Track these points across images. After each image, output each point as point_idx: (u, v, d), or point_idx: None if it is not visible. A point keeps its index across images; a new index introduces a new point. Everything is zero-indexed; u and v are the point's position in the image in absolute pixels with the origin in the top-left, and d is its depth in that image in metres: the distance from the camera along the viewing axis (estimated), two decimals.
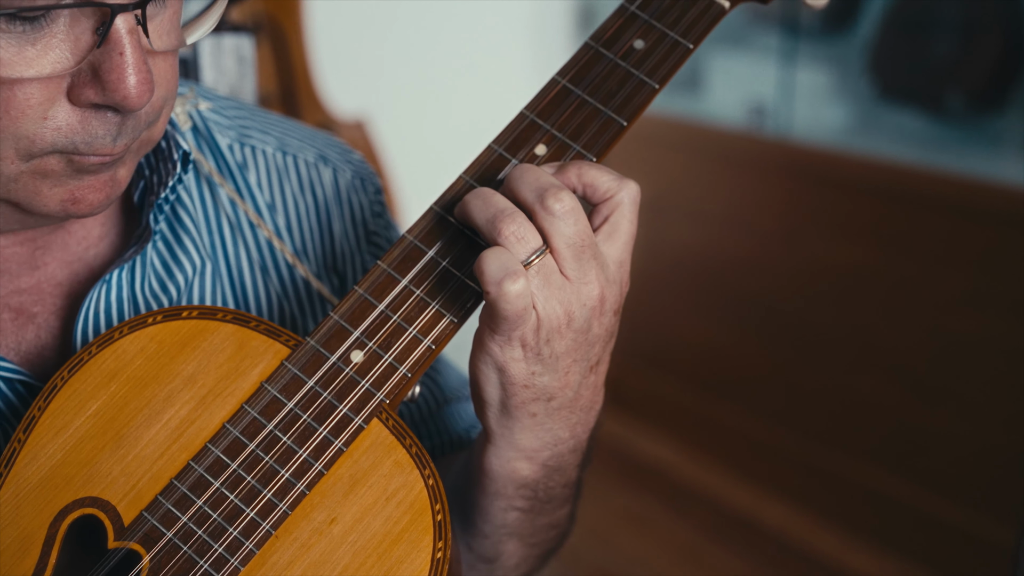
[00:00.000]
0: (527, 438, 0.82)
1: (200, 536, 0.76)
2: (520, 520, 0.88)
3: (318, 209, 0.99)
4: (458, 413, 1.03)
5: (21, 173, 0.77)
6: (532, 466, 0.84)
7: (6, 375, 0.83)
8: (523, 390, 0.79)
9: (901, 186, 2.80)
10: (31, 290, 0.87)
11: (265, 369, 0.81)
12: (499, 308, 0.76)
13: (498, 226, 0.76)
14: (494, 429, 0.82)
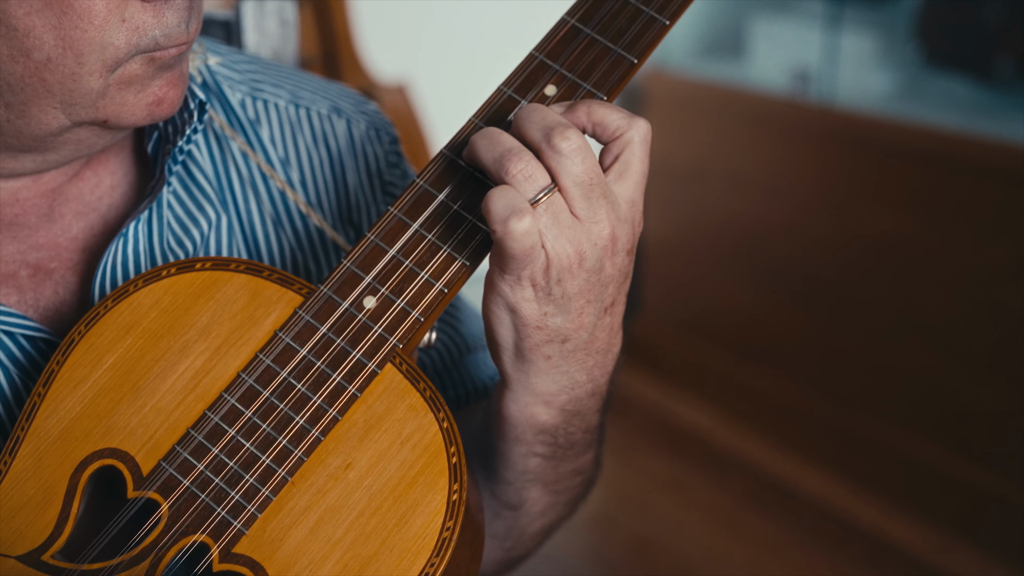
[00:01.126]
0: (543, 382, 0.82)
1: (217, 484, 0.77)
2: (542, 466, 0.88)
3: (332, 161, 0.99)
4: (482, 361, 1.03)
5: (108, 86, 0.79)
6: (550, 411, 0.84)
7: (28, 332, 0.84)
8: (536, 332, 0.79)
9: (947, 153, 2.76)
10: (48, 246, 0.88)
11: (279, 318, 0.81)
12: (506, 247, 0.75)
13: (505, 165, 0.76)
14: (510, 374, 0.82)
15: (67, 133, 0.82)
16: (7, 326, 0.83)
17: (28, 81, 0.78)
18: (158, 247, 0.88)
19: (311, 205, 0.96)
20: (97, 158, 0.90)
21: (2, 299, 0.85)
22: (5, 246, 0.86)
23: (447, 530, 0.74)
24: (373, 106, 1.04)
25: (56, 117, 0.80)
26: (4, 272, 0.86)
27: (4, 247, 0.86)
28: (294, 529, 0.75)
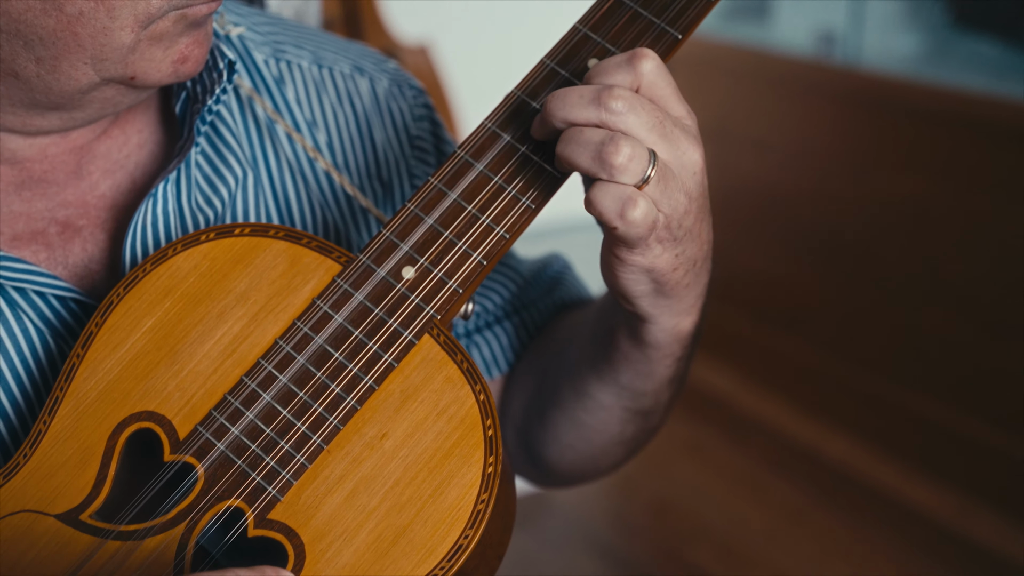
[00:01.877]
0: (684, 303, 0.84)
1: (253, 450, 0.77)
2: (679, 366, 0.91)
3: (358, 120, 0.99)
4: (546, 279, 1.06)
5: (139, 42, 0.79)
6: (692, 317, 0.86)
7: (60, 293, 0.84)
8: (673, 273, 0.80)
9: (974, 116, 2.73)
10: (76, 203, 0.88)
11: (317, 285, 0.81)
12: (631, 236, 0.76)
13: (607, 160, 0.74)
14: (651, 311, 0.84)
15: (95, 91, 0.82)
16: (38, 286, 0.83)
17: (60, 35, 0.78)
18: (187, 207, 0.89)
19: (339, 166, 0.97)
20: (124, 116, 0.90)
21: (31, 256, 0.85)
22: (34, 203, 0.86)
23: (482, 502, 0.74)
24: (393, 64, 1.04)
25: (86, 73, 0.80)
26: (34, 229, 0.86)
27: (33, 204, 0.86)
28: (329, 497, 0.75)
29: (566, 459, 1.01)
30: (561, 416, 0.98)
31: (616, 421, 0.96)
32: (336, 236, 0.96)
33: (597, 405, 0.95)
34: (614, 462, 1.03)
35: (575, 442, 0.99)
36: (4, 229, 0.85)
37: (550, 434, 1.00)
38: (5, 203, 0.86)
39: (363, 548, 0.74)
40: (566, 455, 1.01)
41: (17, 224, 0.86)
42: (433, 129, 1.03)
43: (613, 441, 0.99)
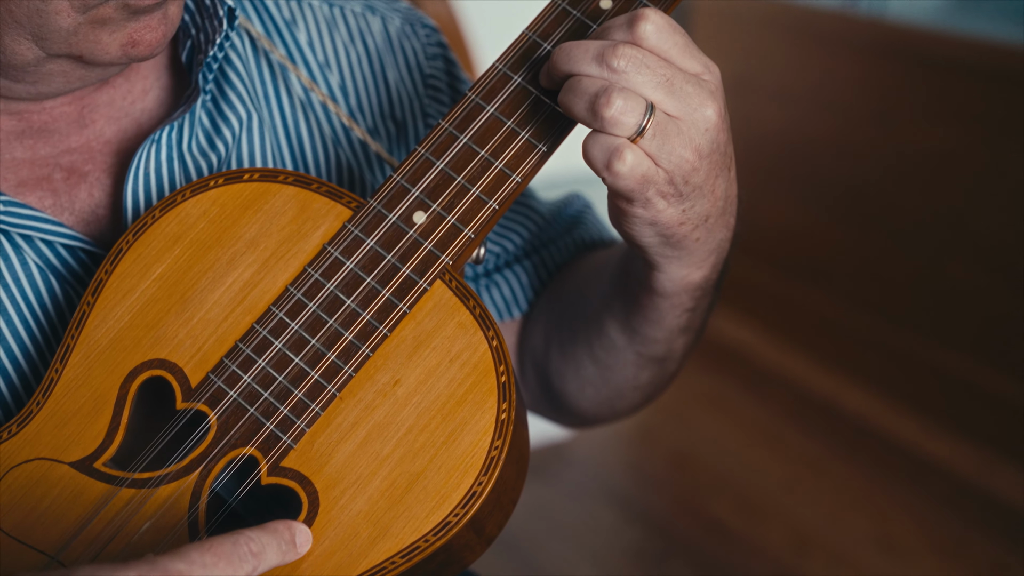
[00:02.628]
0: (695, 256, 0.83)
1: (266, 398, 0.77)
2: (691, 317, 0.91)
3: (371, 59, 0.98)
4: (566, 217, 1.06)
5: (79, 25, 0.77)
6: (703, 271, 0.86)
7: (67, 242, 0.84)
8: (680, 227, 0.79)
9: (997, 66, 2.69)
10: (81, 149, 0.87)
11: (327, 231, 0.80)
12: (620, 187, 0.75)
13: (598, 112, 0.74)
14: (659, 261, 0.83)
15: (46, 65, 0.80)
16: (45, 234, 0.83)
17: None
18: (187, 152, 0.88)
19: (352, 108, 0.96)
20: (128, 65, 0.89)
21: (37, 202, 0.85)
22: (38, 150, 0.86)
23: (495, 449, 0.74)
24: (404, 3, 1.03)
25: (29, 48, 0.78)
26: (39, 175, 0.86)
27: (37, 151, 0.86)
28: (342, 444, 0.75)
29: (585, 396, 1.01)
30: (581, 351, 0.98)
31: (630, 365, 0.96)
32: (349, 177, 0.95)
33: (612, 344, 0.95)
34: (631, 406, 1.03)
35: (594, 378, 0.99)
36: (8, 176, 0.85)
37: (570, 369, 1.00)
38: (7, 151, 0.85)
39: (376, 495, 0.74)
40: (585, 392, 1.01)
41: (21, 171, 0.85)
42: (447, 68, 1.02)
43: (629, 385, 0.99)
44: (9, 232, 0.83)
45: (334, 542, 0.73)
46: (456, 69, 1.02)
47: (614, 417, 1.06)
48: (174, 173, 0.87)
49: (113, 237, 0.87)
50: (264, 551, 0.69)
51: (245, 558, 0.67)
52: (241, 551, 0.67)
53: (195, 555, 0.65)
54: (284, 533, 0.71)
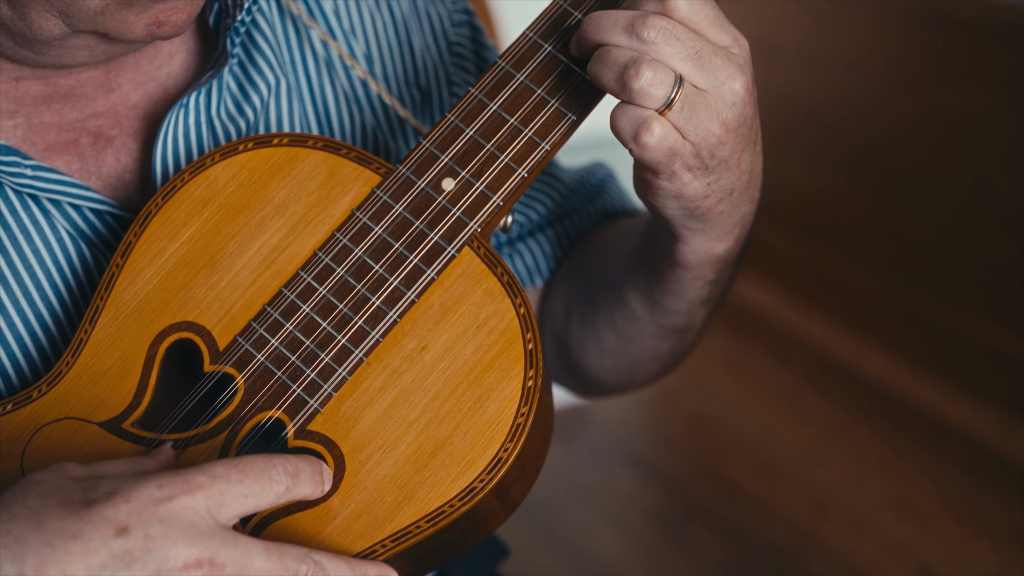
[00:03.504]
0: (719, 229, 0.83)
1: (293, 362, 0.77)
2: (712, 289, 0.91)
3: (396, 26, 0.97)
4: (589, 186, 1.05)
5: (107, 5, 0.77)
6: (726, 244, 0.86)
7: (94, 206, 0.84)
8: (704, 200, 0.79)
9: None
10: (107, 113, 0.87)
11: (356, 196, 0.80)
12: (647, 159, 0.75)
13: (627, 84, 0.73)
14: (683, 234, 0.83)
15: (71, 39, 0.80)
16: (73, 198, 0.83)
17: None
18: (215, 117, 0.88)
19: (377, 75, 0.95)
20: None
21: (64, 167, 0.85)
22: (65, 114, 0.86)
23: (521, 416, 0.74)
24: None
25: (56, 24, 0.78)
26: (66, 139, 0.86)
27: (64, 115, 0.86)
28: (368, 409, 0.75)
29: (604, 366, 1.01)
30: (600, 321, 0.98)
31: (650, 336, 0.96)
32: (375, 144, 0.95)
33: (632, 315, 0.95)
34: (649, 376, 1.03)
35: (613, 348, 0.99)
36: (36, 140, 0.85)
37: (589, 338, 1.00)
38: (35, 115, 0.85)
39: (402, 460, 0.74)
40: (604, 361, 1.01)
41: (49, 135, 0.85)
42: (473, 35, 1.01)
43: (648, 355, 0.99)
44: (38, 196, 0.83)
45: (359, 506, 0.73)
46: (482, 36, 1.02)
47: (632, 387, 1.06)
48: (203, 137, 0.87)
49: (140, 202, 0.87)
50: (300, 474, 0.68)
51: (278, 478, 0.67)
52: (275, 471, 0.67)
53: (220, 469, 0.65)
54: (316, 464, 0.71)
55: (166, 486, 0.63)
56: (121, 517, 0.61)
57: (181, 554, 0.62)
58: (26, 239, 0.83)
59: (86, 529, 0.61)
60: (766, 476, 2.52)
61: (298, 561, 0.66)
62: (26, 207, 0.83)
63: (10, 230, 0.82)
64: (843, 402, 2.78)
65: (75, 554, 0.60)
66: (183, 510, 0.63)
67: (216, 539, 0.63)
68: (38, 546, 0.60)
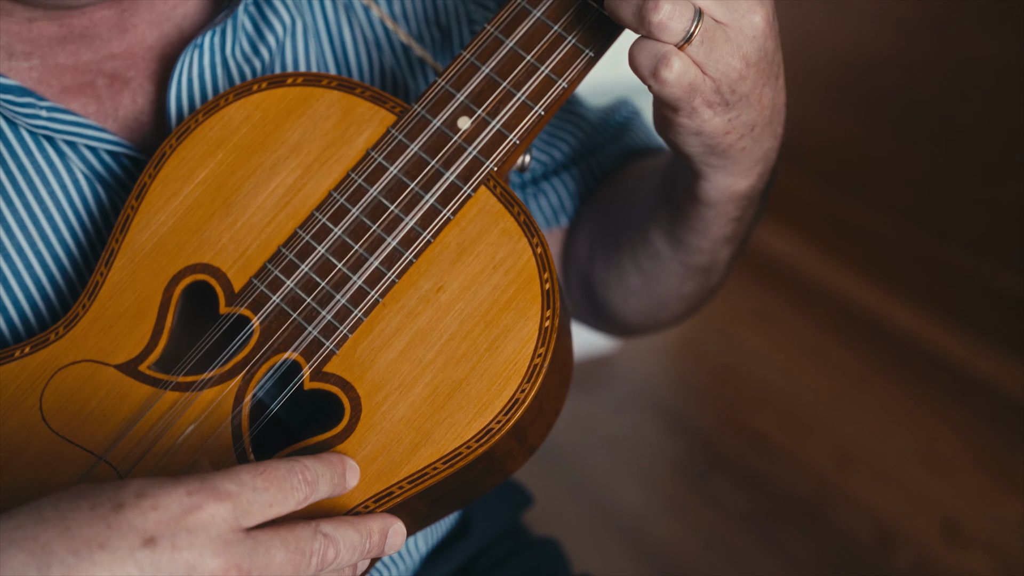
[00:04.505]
0: (741, 165, 0.82)
1: (309, 303, 0.76)
2: (736, 227, 0.90)
3: None
4: (613, 125, 1.04)
5: None
6: (749, 180, 0.84)
7: (111, 148, 0.84)
8: (725, 136, 0.78)
9: None
10: (123, 55, 0.86)
11: (371, 136, 0.79)
12: (666, 95, 0.74)
13: (646, 18, 0.72)
14: (705, 171, 0.82)
15: None
16: (89, 140, 0.83)
17: None
18: (230, 58, 0.87)
19: (395, 13, 0.94)
20: None
21: (80, 109, 0.84)
22: (80, 56, 0.85)
23: (538, 356, 0.74)
24: None
25: None
26: (82, 81, 0.85)
27: (80, 57, 0.85)
28: (385, 350, 0.75)
29: (629, 306, 1.01)
30: (625, 260, 0.97)
31: (675, 275, 0.95)
32: (393, 83, 0.93)
33: (656, 254, 0.94)
34: (674, 316, 1.02)
35: (638, 288, 0.98)
36: (52, 82, 0.84)
37: (614, 278, 0.99)
38: (51, 56, 0.84)
39: (419, 401, 0.74)
40: (629, 301, 1.00)
41: (64, 77, 0.85)
42: None
43: (673, 295, 0.98)
44: (53, 138, 0.82)
45: (376, 447, 0.73)
46: None
47: (657, 327, 1.05)
48: (217, 78, 0.86)
49: (156, 144, 0.87)
50: (318, 481, 0.68)
51: (298, 487, 0.67)
52: (295, 479, 0.67)
53: (246, 477, 0.65)
54: (337, 466, 0.71)
55: (195, 493, 0.63)
56: (149, 527, 0.61)
57: (208, 565, 0.62)
58: (42, 181, 0.82)
59: (113, 538, 0.60)
60: (791, 427, 2.52)
61: (310, 541, 0.66)
62: (42, 149, 0.82)
63: (26, 172, 0.82)
64: (869, 353, 2.76)
65: (101, 564, 0.60)
66: (211, 519, 0.62)
67: (241, 546, 0.63)
68: (64, 555, 0.60)
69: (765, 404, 2.60)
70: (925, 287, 2.92)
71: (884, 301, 2.94)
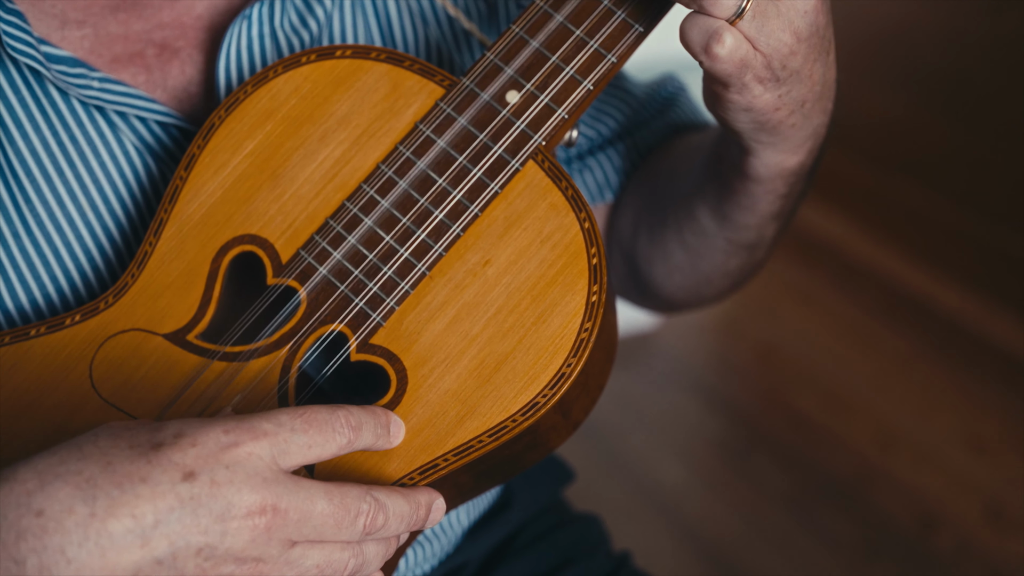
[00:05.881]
0: (790, 142, 0.82)
1: (356, 275, 0.77)
2: (784, 203, 0.90)
3: None
4: (661, 100, 1.04)
5: None
6: (798, 157, 0.84)
7: (160, 119, 0.84)
8: (776, 112, 0.77)
9: None
10: (173, 24, 0.87)
11: (419, 109, 0.79)
12: (717, 71, 0.73)
13: None
14: (754, 147, 0.82)
15: None
16: (139, 111, 0.83)
17: None
18: (279, 29, 0.87)
19: None
20: None
21: (131, 79, 0.85)
22: (131, 25, 0.85)
23: (585, 331, 0.73)
24: None
25: None
26: (132, 51, 0.86)
27: (130, 26, 0.85)
28: (431, 323, 0.75)
29: (673, 282, 1.00)
30: (669, 236, 0.97)
31: (720, 251, 0.94)
32: (439, 57, 0.93)
33: (701, 230, 0.94)
34: (718, 293, 1.02)
35: (682, 264, 0.98)
36: (103, 51, 0.85)
37: (658, 254, 0.99)
38: (102, 25, 0.85)
39: (465, 374, 0.74)
40: (673, 277, 1.00)
41: (115, 46, 0.85)
42: None
43: (717, 271, 0.97)
44: (104, 109, 0.83)
45: (422, 420, 0.73)
46: None
47: (701, 304, 1.05)
48: (265, 50, 0.86)
49: (205, 114, 0.87)
50: (362, 427, 0.69)
51: (341, 430, 0.67)
52: (338, 422, 0.67)
53: (285, 418, 0.65)
54: (381, 417, 0.71)
55: (232, 431, 0.63)
56: (188, 462, 0.62)
57: (245, 500, 0.62)
58: (92, 151, 0.83)
59: (154, 472, 0.61)
60: (833, 407, 2.50)
61: (359, 501, 0.66)
62: (92, 119, 0.83)
63: (77, 142, 0.82)
64: (914, 335, 2.74)
65: (144, 497, 0.61)
66: (248, 456, 0.63)
67: (280, 486, 0.63)
68: (108, 488, 0.61)
69: (807, 384, 2.58)
70: (970, 268, 2.89)
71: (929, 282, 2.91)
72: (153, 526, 0.60)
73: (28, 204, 0.82)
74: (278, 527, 0.63)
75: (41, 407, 0.75)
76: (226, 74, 0.85)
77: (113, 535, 0.60)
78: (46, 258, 0.82)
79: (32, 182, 0.82)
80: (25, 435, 0.74)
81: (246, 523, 0.62)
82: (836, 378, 2.61)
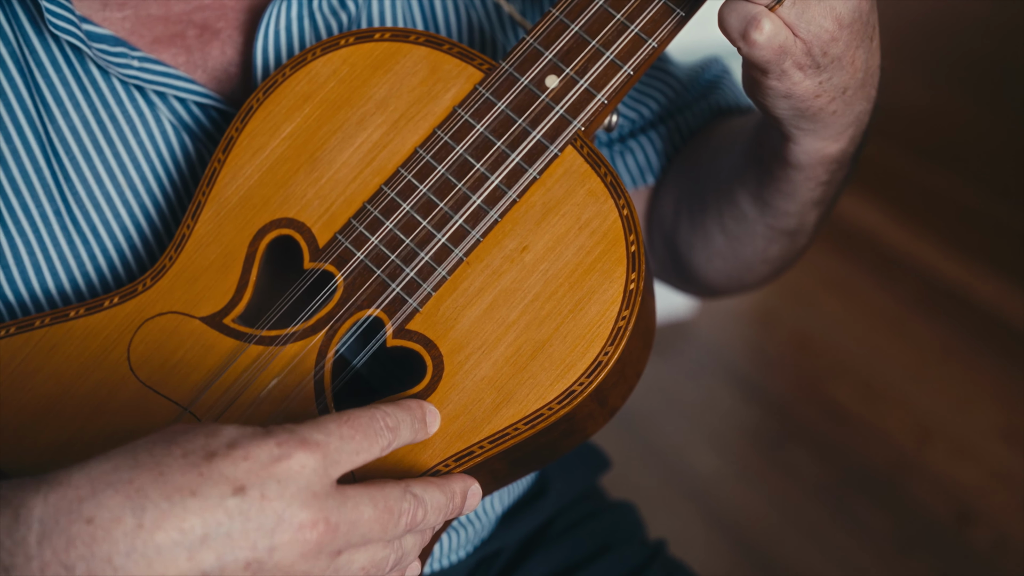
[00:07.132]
0: (831, 129, 0.81)
1: (393, 260, 0.76)
2: (825, 190, 0.89)
3: None
4: (703, 83, 1.03)
5: None
6: (839, 144, 0.83)
7: (200, 100, 0.84)
8: (816, 99, 0.77)
9: None
10: (213, 5, 0.87)
11: (458, 93, 0.79)
12: (755, 57, 0.72)
13: None
14: (795, 134, 0.81)
15: None
16: (179, 91, 0.83)
17: None
18: (317, 11, 0.86)
19: None
20: None
21: (171, 59, 0.85)
22: (171, 6, 0.85)
23: (623, 319, 0.73)
24: None
25: None
26: (173, 32, 0.86)
27: (171, 7, 0.85)
28: (468, 309, 0.75)
29: (713, 266, 0.99)
30: (710, 222, 0.96)
31: (760, 237, 0.94)
32: (481, 39, 0.93)
33: (743, 216, 0.93)
34: (759, 279, 1.01)
35: (722, 250, 0.97)
36: (144, 32, 0.85)
37: (698, 239, 0.98)
38: (143, 7, 0.85)
39: (501, 361, 0.73)
40: (713, 262, 0.99)
41: (156, 27, 0.85)
42: None
43: (758, 258, 0.96)
44: (144, 88, 0.83)
45: (458, 406, 0.73)
46: None
47: (741, 289, 1.04)
48: (304, 32, 0.86)
49: (244, 96, 0.87)
50: (399, 427, 0.69)
51: (381, 432, 0.67)
52: (378, 425, 0.67)
53: (333, 427, 0.65)
54: (416, 411, 0.71)
55: (285, 444, 0.63)
56: (239, 476, 0.62)
57: (296, 516, 0.62)
58: (131, 131, 0.83)
59: (204, 486, 0.61)
60: (869, 398, 2.48)
61: (400, 500, 0.66)
62: (132, 99, 0.83)
63: (116, 121, 0.83)
64: (951, 326, 2.71)
65: (192, 511, 0.60)
66: (301, 469, 0.63)
67: (330, 500, 0.63)
68: (158, 500, 0.60)
69: (843, 374, 2.56)
70: (1009, 259, 2.86)
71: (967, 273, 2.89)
72: (201, 540, 0.60)
73: (68, 182, 0.82)
74: (327, 542, 0.63)
75: (80, 388, 0.76)
76: (263, 55, 0.85)
77: (160, 547, 0.60)
78: (85, 237, 0.82)
79: (72, 160, 0.82)
80: (64, 415, 0.75)
81: (296, 538, 0.62)
82: (872, 368, 2.59)
